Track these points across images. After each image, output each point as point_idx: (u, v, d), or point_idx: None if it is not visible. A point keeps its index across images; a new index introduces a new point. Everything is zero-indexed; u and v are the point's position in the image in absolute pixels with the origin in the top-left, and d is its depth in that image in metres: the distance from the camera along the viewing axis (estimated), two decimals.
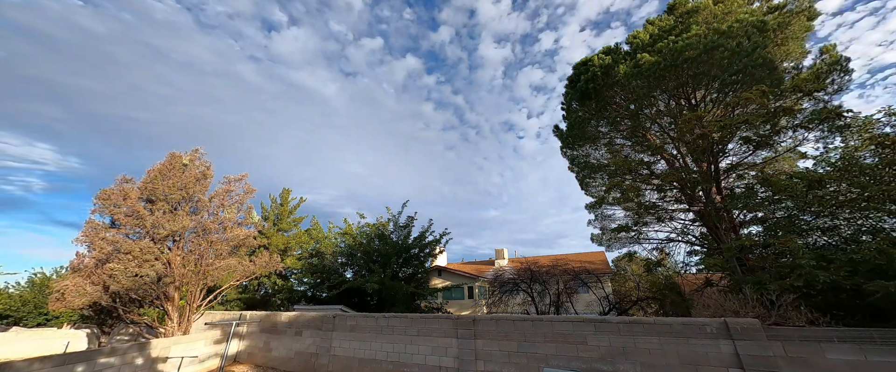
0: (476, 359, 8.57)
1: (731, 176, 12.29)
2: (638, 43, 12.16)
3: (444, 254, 26.90)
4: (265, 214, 21.89)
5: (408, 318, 10.02)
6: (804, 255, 7.34)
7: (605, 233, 13.89)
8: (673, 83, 11.32)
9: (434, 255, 17.97)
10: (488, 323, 8.79)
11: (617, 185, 11.52)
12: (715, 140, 9.88)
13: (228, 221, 13.74)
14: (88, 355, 8.80)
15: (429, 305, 17.44)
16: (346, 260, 17.56)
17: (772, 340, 6.06)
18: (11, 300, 27.86)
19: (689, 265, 12.69)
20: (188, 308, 13.21)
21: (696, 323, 6.73)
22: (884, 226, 7.47)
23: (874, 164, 7.24)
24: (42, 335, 20.72)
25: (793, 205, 8.76)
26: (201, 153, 14.62)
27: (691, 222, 12.35)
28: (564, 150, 15.68)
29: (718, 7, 10.96)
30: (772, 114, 8.63)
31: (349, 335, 10.79)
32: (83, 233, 12.22)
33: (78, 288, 11.50)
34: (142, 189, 12.91)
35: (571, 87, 14.36)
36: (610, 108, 13.39)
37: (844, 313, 7.11)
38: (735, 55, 9.97)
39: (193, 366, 11.38)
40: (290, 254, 19.92)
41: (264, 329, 12.81)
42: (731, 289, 8.72)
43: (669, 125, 12.48)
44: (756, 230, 10.48)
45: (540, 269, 15.18)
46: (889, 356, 5.33)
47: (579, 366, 7.38)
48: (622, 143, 14.27)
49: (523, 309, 15.49)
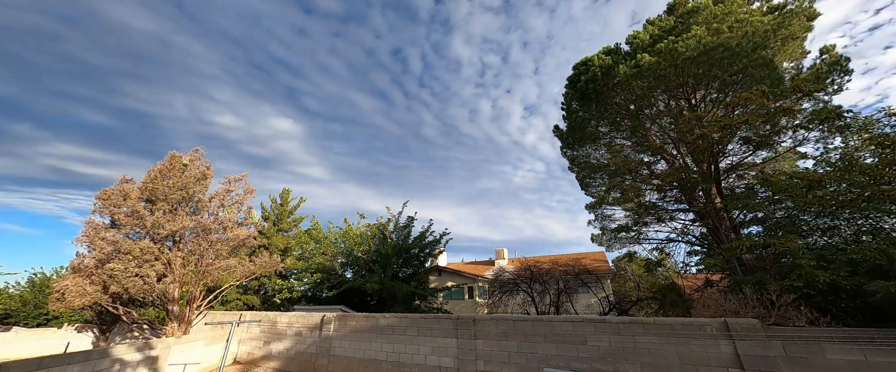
0: (476, 359, 8.57)
1: (731, 176, 12.28)
2: (638, 43, 12.16)
3: (444, 254, 26.91)
4: (265, 215, 21.88)
5: (408, 318, 10.01)
6: (804, 255, 7.34)
7: (606, 233, 13.88)
8: (673, 83, 11.31)
9: (434, 255, 17.97)
10: (488, 323, 8.79)
11: (617, 185, 11.51)
12: (715, 140, 9.87)
13: (228, 221, 13.74)
14: (88, 355, 8.80)
15: (429, 305, 17.44)
16: (346, 260, 17.57)
17: (772, 340, 6.06)
18: (11, 300, 27.86)
19: (689, 265, 12.68)
20: (188, 308, 13.21)
21: (696, 323, 6.73)
22: (884, 226, 7.46)
23: (874, 164, 7.23)
24: (42, 336, 20.74)
25: (793, 205, 8.76)
26: (201, 153, 14.63)
27: (691, 222, 12.34)
28: (564, 150, 15.68)
29: (718, 7, 10.95)
30: (772, 114, 8.62)
31: (349, 335, 10.79)
32: (83, 233, 12.22)
33: (78, 288, 11.50)
34: (142, 189, 12.91)
35: (571, 88, 14.37)
36: (610, 108, 13.39)
37: (844, 313, 7.11)
38: (735, 55, 9.97)
39: (194, 366, 11.38)
40: (290, 254, 19.92)
41: (264, 329, 12.81)
42: (731, 289, 8.71)
43: (669, 125, 12.47)
44: (756, 230, 10.47)
45: (540, 269, 15.17)
46: (889, 356, 5.33)
47: (579, 366, 7.38)
48: (622, 144, 14.26)
49: (523, 309, 15.49)
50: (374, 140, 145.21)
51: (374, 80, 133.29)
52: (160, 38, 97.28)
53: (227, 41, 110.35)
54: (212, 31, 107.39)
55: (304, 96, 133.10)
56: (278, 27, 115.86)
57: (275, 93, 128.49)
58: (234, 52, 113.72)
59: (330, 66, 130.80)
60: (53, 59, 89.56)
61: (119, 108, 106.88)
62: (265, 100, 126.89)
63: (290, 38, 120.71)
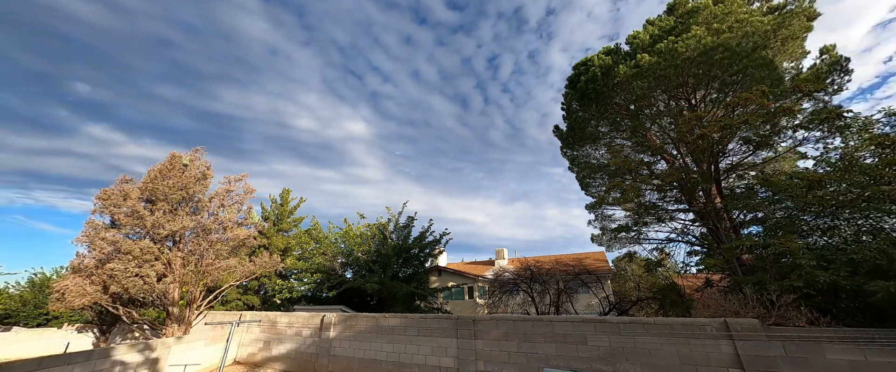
0: (476, 359, 8.56)
1: (731, 176, 12.28)
2: (638, 43, 12.15)
3: (444, 254, 26.91)
4: (265, 215, 21.87)
5: (408, 318, 10.01)
6: (804, 255, 7.34)
7: (606, 233, 13.89)
8: (673, 83, 11.32)
9: (434, 255, 17.97)
10: (488, 323, 8.79)
11: (617, 185, 11.51)
12: (715, 140, 9.87)
13: (228, 221, 13.73)
14: (88, 356, 8.80)
15: (429, 305, 17.44)
16: (346, 260, 17.57)
17: (772, 340, 6.06)
18: (11, 300, 27.85)
19: (689, 265, 12.67)
20: (188, 308, 13.20)
21: (696, 323, 6.73)
22: (884, 226, 7.46)
23: (874, 164, 7.23)
24: (42, 336, 20.74)
25: (793, 205, 8.76)
26: (201, 153, 14.63)
27: (691, 222, 12.34)
28: (565, 150, 15.68)
29: (718, 7, 10.95)
30: (772, 114, 8.61)
31: (349, 335, 10.79)
32: (83, 233, 12.21)
33: (78, 288, 11.49)
34: (142, 189, 12.91)
35: (571, 88, 14.37)
36: (610, 108, 13.38)
37: (844, 313, 7.11)
38: (735, 55, 9.97)
39: (194, 367, 11.38)
40: (290, 254, 19.91)
41: (264, 329, 12.81)
42: (731, 289, 8.71)
43: (669, 125, 12.47)
44: (756, 230, 10.47)
45: (540, 269, 15.16)
46: (889, 356, 5.33)
47: (579, 366, 7.38)
48: (622, 144, 14.26)
49: (523, 309, 15.48)
50: (439, 142, 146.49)
51: (458, 85, 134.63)
52: (269, 45, 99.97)
53: (333, 49, 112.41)
54: (321, 40, 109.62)
55: (386, 100, 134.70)
56: (386, 36, 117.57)
57: (359, 97, 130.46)
58: (335, 58, 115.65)
59: (421, 73, 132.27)
60: (162, 64, 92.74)
61: (203, 111, 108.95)
62: (347, 104, 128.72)
63: (393, 46, 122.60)
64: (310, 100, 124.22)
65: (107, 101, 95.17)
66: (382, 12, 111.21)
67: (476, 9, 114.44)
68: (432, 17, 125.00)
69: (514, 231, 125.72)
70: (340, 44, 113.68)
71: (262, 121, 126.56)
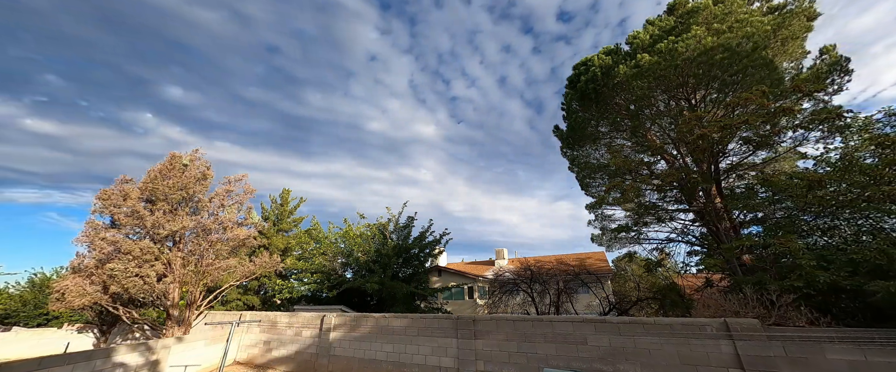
0: (476, 359, 8.57)
1: (731, 176, 12.27)
2: (638, 43, 12.15)
3: (445, 253, 26.91)
4: (265, 215, 21.88)
5: (408, 318, 10.01)
6: (804, 255, 7.35)
7: (606, 233, 13.88)
8: (673, 83, 11.31)
9: (434, 255, 17.97)
10: (488, 323, 8.79)
11: (617, 185, 11.51)
12: (715, 140, 9.86)
13: (228, 221, 13.74)
14: (89, 356, 8.80)
15: (429, 305, 17.44)
16: (346, 260, 17.57)
17: (772, 340, 6.06)
18: (11, 300, 27.84)
19: (689, 265, 12.67)
20: (189, 309, 13.21)
21: (696, 323, 6.73)
22: (884, 226, 7.46)
23: (874, 164, 7.23)
24: (42, 336, 20.76)
25: (793, 205, 8.76)
26: (201, 153, 14.63)
27: (691, 222, 12.34)
28: (565, 150, 15.68)
29: (718, 7, 10.95)
30: (772, 114, 8.61)
31: (349, 335, 10.79)
32: (83, 233, 12.21)
33: (78, 288, 11.50)
34: (142, 189, 12.91)
35: (571, 88, 14.36)
36: (610, 108, 13.38)
37: (844, 313, 7.11)
38: (735, 55, 9.97)
39: (194, 367, 11.38)
40: (290, 254, 19.91)
41: (264, 329, 12.81)
42: (732, 289, 8.71)
43: (669, 125, 12.47)
44: (756, 230, 10.47)
45: (540, 269, 15.16)
46: (889, 356, 5.33)
47: (579, 366, 7.38)
48: (622, 144, 14.26)
49: (523, 309, 15.48)
50: (501, 144, 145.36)
51: (540, 89, 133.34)
52: (369, 52, 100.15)
53: (432, 56, 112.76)
54: (422, 46, 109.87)
55: (465, 103, 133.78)
56: (488, 43, 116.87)
57: (439, 101, 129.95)
58: (431, 63, 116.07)
59: (509, 78, 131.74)
60: (260, 68, 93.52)
61: (284, 114, 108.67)
62: (426, 107, 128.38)
63: (491, 53, 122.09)
64: (391, 104, 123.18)
65: (195, 103, 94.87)
66: (494, 23, 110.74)
67: (584, 19, 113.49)
68: (540, 26, 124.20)
69: (545, 231, 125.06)
70: (440, 50, 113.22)
71: (338, 124, 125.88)
